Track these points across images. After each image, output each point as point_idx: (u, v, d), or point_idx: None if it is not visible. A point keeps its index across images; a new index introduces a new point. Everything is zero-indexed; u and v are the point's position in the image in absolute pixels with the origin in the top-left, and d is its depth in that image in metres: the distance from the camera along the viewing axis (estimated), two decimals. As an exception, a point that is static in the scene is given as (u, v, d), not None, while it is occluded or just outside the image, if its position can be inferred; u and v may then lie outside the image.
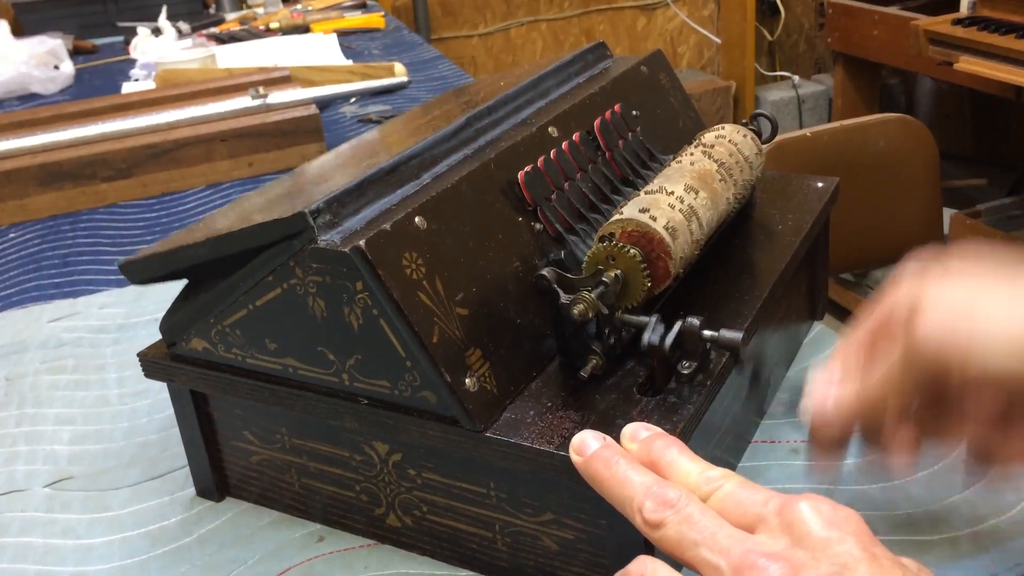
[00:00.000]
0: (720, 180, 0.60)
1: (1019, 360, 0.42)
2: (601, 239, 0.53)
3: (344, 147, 0.74)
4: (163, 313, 0.59)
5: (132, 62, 1.94)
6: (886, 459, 0.49)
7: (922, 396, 0.46)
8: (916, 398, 0.46)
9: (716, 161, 0.61)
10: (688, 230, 0.54)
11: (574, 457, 0.44)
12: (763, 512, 0.38)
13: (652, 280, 0.52)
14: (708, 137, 0.64)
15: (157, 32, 1.99)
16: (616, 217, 0.53)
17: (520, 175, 0.57)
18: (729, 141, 0.63)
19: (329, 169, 0.64)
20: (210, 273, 0.55)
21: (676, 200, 0.55)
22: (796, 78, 3.36)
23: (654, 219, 0.52)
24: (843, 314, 2.45)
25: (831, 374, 0.49)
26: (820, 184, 0.72)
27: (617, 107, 0.67)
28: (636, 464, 0.42)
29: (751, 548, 0.36)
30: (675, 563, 0.40)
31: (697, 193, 0.57)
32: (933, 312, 0.44)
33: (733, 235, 0.66)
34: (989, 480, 0.50)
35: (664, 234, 0.52)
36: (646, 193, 0.56)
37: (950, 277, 0.46)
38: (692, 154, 0.61)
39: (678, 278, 0.56)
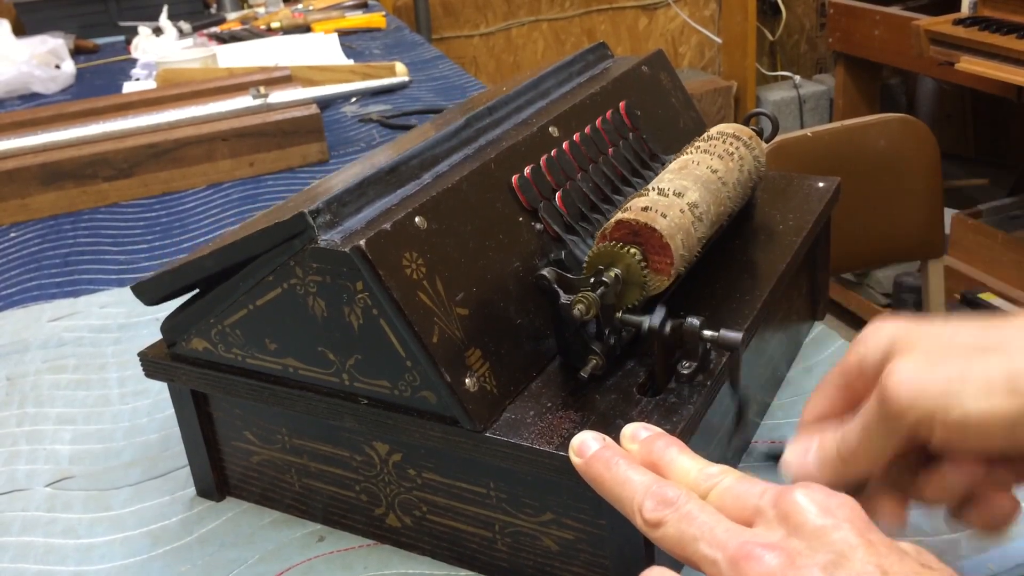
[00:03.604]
0: (721, 180, 0.60)
1: (1003, 397, 0.39)
2: (602, 239, 0.53)
3: (356, 160, 0.74)
4: (164, 313, 0.59)
5: (133, 62, 1.94)
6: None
7: (903, 451, 0.43)
8: (896, 452, 0.43)
9: (728, 172, 0.60)
10: (689, 229, 0.54)
11: (574, 458, 0.44)
12: (759, 504, 0.38)
13: (652, 280, 0.52)
14: (709, 136, 0.64)
15: (158, 32, 2.00)
16: (617, 217, 0.53)
17: (515, 180, 0.57)
18: (742, 151, 0.63)
19: (335, 177, 0.64)
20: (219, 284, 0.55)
21: (677, 199, 0.55)
22: (797, 78, 3.36)
23: (655, 218, 0.52)
24: (844, 314, 2.46)
25: (809, 457, 0.46)
26: (821, 184, 0.72)
27: (623, 103, 0.67)
28: (636, 464, 0.42)
29: (747, 540, 0.36)
30: (679, 566, 0.40)
31: (698, 192, 0.57)
32: (906, 359, 0.42)
33: (734, 235, 0.65)
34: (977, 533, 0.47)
35: (665, 233, 0.52)
36: (647, 192, 0.56)
37: (922, 327, 0.43)
38: (693, 153, 0.61)
39: (679, 278, 0.56)
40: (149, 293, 0.59)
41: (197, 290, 0.59)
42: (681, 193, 0.55)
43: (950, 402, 0.40)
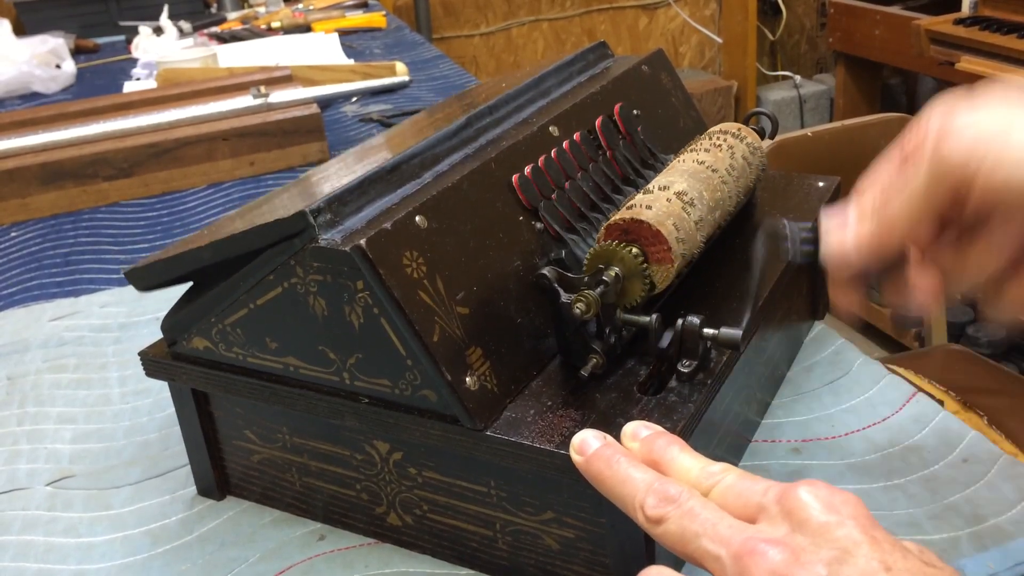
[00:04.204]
0: (721, 179, 0.60)
1: None
2: (602, 238, 0.54)
3: (349, 152, 0.74)
4: (164, 312, 0.59)
5: (134, 61, 1.94)
6: (906, 301, 0.47)
7: (943, 221, 0.44)
8: (939, 204, 0.43)
9: (717, 160, 0.61)
10: (680, 215, 0.54)
11: (575, 456, 0.44)
12: (763, 501, 0.38)
13: (656, 272, 0.52)
14: (709, 136, 0.64)
15: (159, 31, 2.00)
16: (617, 215, 0.54)
17: (515, 179, 0.57)
18: (730, 140, 0.63)
19: (332, 172, 0.64)
20: (214, 278, 0.55)
21: (662, 192, 0.55)
22: (798, 78, 3.36)
23: (640, 212, 0.52)
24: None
25: (849, 214, 0.47)
26: (821, 184, 0.72)
27: (618, 107, 0.67)
28: (637, 462, 0.42)
29: (752, 535, 0.36)
30: (679, 564, 0.40)
31: (685, 183, 0.57)
32: (962, 128, 0.42)
33: (734, 234, 0.66)
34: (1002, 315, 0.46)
35: (653, 222, 0.52)
36: (647, 192, 0.56)
37: (981, 103, 0.44)
38: (693, 153, 0.61)
39: (679, 276, 0.56)
40: (142, 279, 0.59)
41: (192, 282, 0.59)
42: (666, 187, 0.56)
43: (1005, 139, 0.41)
